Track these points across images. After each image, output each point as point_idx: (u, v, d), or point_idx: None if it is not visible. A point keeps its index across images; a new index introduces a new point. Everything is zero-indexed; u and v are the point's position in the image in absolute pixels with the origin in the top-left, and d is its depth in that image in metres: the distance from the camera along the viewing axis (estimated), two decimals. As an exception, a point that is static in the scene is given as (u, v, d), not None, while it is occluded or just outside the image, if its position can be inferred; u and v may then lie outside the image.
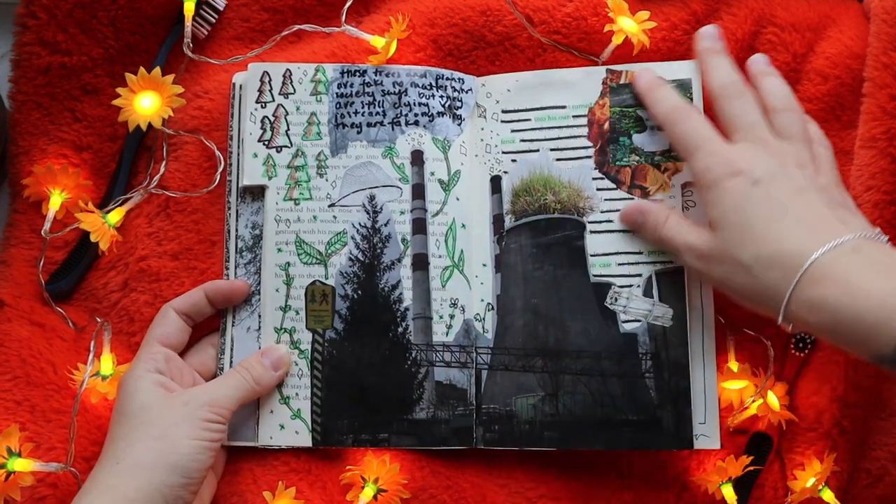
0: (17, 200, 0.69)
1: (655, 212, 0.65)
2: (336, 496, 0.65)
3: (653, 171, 0.68)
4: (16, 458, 0.59)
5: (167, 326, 0.64)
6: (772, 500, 0.68)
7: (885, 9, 0.68)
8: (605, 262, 0.67)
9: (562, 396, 0.66)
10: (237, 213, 0.69)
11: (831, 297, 0.54)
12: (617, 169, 0.68)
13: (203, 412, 0.60)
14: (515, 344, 0.67)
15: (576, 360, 0.67)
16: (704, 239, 0.61)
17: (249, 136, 0.68)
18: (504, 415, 0.67)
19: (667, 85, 0.66)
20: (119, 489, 0.56)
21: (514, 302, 0.68)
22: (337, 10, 0.71)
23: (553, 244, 0.68)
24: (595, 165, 0.68)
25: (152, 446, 0.57)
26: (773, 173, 0.59)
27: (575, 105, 0.69)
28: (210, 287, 0.66)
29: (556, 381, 0.67)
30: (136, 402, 0.60)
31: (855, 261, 0.55)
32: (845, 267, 0.55)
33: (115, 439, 0.59)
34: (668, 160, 0.67)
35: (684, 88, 0.67)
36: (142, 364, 0.62)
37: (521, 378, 0.67)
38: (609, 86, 0.69)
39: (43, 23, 0.67)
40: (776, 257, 0.57)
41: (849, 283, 0.54)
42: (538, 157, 0.69)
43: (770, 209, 0.58)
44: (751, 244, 0.58)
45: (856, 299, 0.53)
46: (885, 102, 0.66)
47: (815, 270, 0.55)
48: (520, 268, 0.68)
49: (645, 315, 0.66)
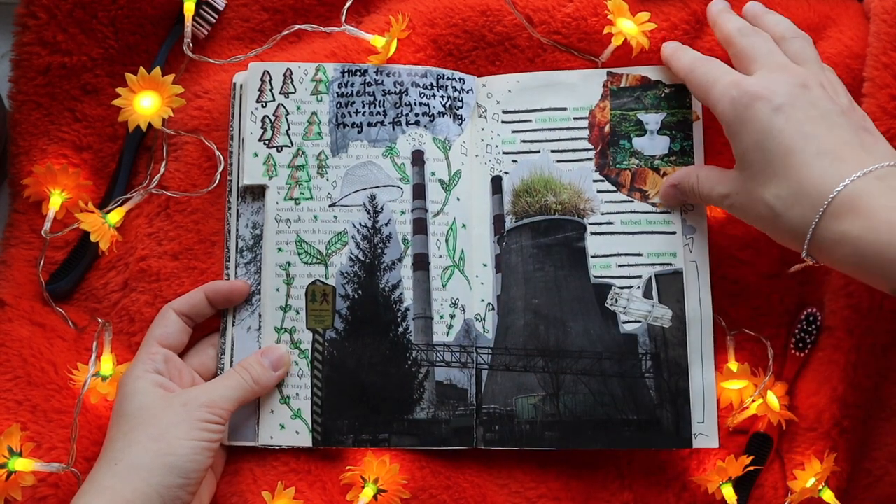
0: (18, 200, 0.69)
1: (685, 177, 0.65)
2: (336, 496, 0.65)
3: (652, 174, 0.68)
4: (17, 457, 0.59)
5: (167, 327, 0.64)
6: (772, 500, 0.68)
7: (885, 9, 0.68)
8: (606, 264, 0.68)
9: (562, 396, 0.66)
10: (238, 212, 0.69)
11: (854, 231, 0.53)
12: (617, 172, 0.68)
13: (201, 413, 0.60)
14: (516, 344, 0.67)
15: (577, 360, 0.67)
16: (733, 184, 0.60)
17: (250, 135, 0.68)
18: (504, 415, 0.67)
19: (687, 48, 0.67)
20: (116, 490, 0.56)
21: (514, 302, 0.68)
22: (337, 10, 0.71)
23: (554, 245, 0.68)
24: (595, 168, 0.69)
25: (149, 447, 0.57)
26: (794, 96, 0.58)
27: (576, 107, 0.69)
28: (210, 288, 0.66)
29: (557, 382, 0.67)
30: (134, 402, 0.60)
31: (879, 191, 0.53)
32: (868, 199, 0.53)
33: (113, 440, 0.59)
34: (667, 164, 0.68)
35: (684, 93, 0.68)
36: (140, 365, 0.62)
37: (521, 378, 0.67)
38: (610, 89, 0.69)
39: (43, 23, 0.67)
40: (797, 195, 0.56)
41: (870, 216, 0.53)
42: (539, 158, 0.69)
43: (791, 140, 0.56)
44: (773, 182, 0.57)
45: (879, 233, 0.52)
46: (885, 102, 0.66)
47: (836, 205, 0.54)
48: (520, 268, 0.68)
49: (645, 316, 0.67)
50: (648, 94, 0.69)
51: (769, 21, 0.65)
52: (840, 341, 0.66)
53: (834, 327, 0.67)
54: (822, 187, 0.55)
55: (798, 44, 0.63)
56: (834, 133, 0.57)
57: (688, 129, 0.68)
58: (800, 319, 0.68)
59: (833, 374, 0.66)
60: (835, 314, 0.67)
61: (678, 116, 0.68)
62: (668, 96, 0.69)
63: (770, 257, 0.69)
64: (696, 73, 0.64)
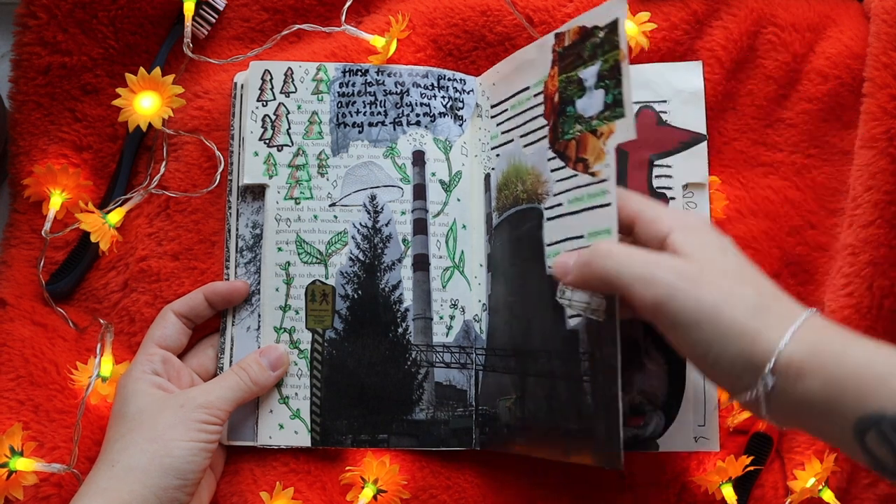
0: (18, 200, 0.69)
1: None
2: (336, 496, 0.65)
3: (592, 139, 0.58)
4: (18, 457, 0.59)
5: (166, 328, 0.64)
6: (772, 500, 0.68)
7: (885, 9, 0.68)
8: (556, 252, 0.61)
9: (527, 399, 0.63)
10: (238, 212, 0.69)
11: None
12: (565, 144, 0.60)
13: (198, 414, 0.60)
14: (501, 344, 0.67)
15: (535, 360, 0.62)
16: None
17: (250, 134, 0.68)
18: (492, 416, 0.66)
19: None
20: (113, 492, 0.56)
21: (498, 301, 0.68)
22: (337, 10, 0.71)
23: (522, 237, 0.65)
24: (549, 144, 0.62)
25: (146, 448, 0.57)
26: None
27: (535, 83, 0.64)
28: (208, 290, 0.66)
29: (524, 383, 0.63)
30: (132, 404, 0.60)
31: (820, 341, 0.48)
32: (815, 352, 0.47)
33: (111, 441, 0.59)
34: (602, 123, 0.57)
35: (615, 32, 0.57)
36: (139, 366, 0.62)
37: (502, 379, 0.66)
38: (557, 52, 0.62)
39: (43, 23, 0.67)
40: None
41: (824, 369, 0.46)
42: (513, 147, 0.67)
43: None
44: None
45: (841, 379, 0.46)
46: (886, 102, 0.66)
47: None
48: (501, 265, 0.67)
49: (584, 308, 0.58)
50: (587, 44, 0.59)
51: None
52: (840, 341, 0.66)
53: (834, 327, 0.67)
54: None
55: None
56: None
57: (618, 74, 0.56)
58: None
59: (833, 375, 0.66)
60: (835, 314, 0.67)
61: (609, 62, 0.57)
62: (602, 41, 0.58)
63: (770, 257, 0.69)
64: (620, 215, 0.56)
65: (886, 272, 0.66)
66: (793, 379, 0.47)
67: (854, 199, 0.68)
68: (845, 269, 0.67)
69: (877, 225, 0.66)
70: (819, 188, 0.71)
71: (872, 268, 0.66)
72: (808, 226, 0.70)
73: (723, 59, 0.71)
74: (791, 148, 0.71)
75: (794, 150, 0.71)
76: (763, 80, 0.71)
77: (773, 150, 0.71)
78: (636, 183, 0.68)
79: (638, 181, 0.68)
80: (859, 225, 0.67)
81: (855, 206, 0.67)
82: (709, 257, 0.51)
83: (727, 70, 0.71)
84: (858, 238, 0.67)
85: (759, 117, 0.72)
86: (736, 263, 0.52)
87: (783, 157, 0.71)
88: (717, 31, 0.71)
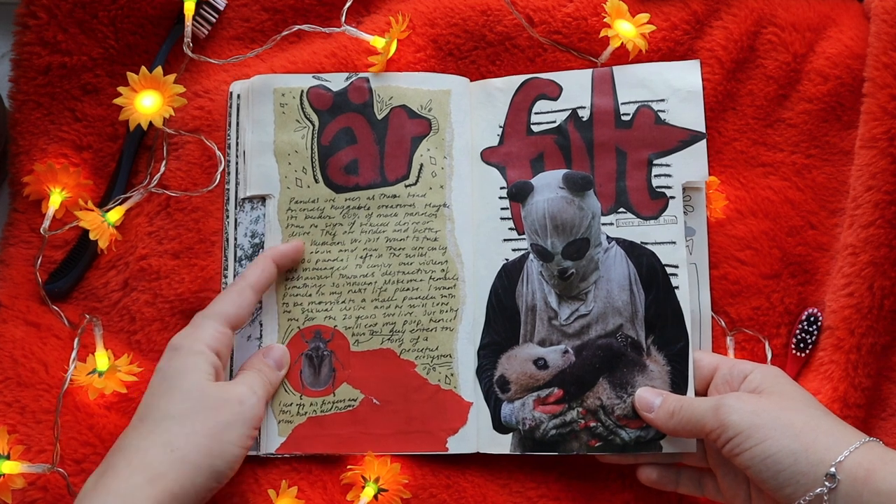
0: (17, 200, 0.69)
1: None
2: (337, 496, 0.65)
3: None
4: (3, 460, 0.58)
5: (242, 307, 0.62)
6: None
7: (885, 9, 0.68)
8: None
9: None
10: (235, 221, 0.68)
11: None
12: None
13: (255, 420, 0.59)
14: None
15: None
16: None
17: (252, 147, 0.68)
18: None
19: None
20: (170, 481, 0.54)
21: None
22: (337, 10, 0.71)
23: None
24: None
25: (202, 444, 0.56)
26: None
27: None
28: (273, 253, 0.65)
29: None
30: (189, 378, 0.58)
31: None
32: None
33: (164, 410, 0.56)
34: None
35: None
36: (203, 339, 0.59)
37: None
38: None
39: (43, 23, 0.67)
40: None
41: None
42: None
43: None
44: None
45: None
46: (886, 102, 0.66)
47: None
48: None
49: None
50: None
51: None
52: (840, 341, 0.66)
53: (834, 327, 0.67)
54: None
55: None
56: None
57: None
58: (801, 319, 0.68)
59: (833, 374, 0.66)
60: (835, 314, 0.67)
61: None
62: None
63: (770, 257, 0.69)
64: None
65: (887, 272, 0.66)
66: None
67: (854, 200, 0.68)
68: (846, 269, 0.67)
69: (877, 225, 0.66)
70: (819, 188, 0.71)
71: (873, 268, 0.66)
72: (809, 226, 0.70)
73: (723, 59, 0.71)
74: (791, 148, 0.71)
75: (795, 151, 0.71)
76: (763, 80, 0.71)
77: (774, 150, 0.71)
78: (636, 182, 0.68)
79: (637, 180, 0.68)
80: (860, 225, 0.67)
81: (855, 206, 0.67)
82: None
83: (727, 70, 0.71)
84: (859, 238, 0.67)
85: (759, 117, 0.72)
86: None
87: (783, 158, 0.71)
88: (717, 32, 0.71)
